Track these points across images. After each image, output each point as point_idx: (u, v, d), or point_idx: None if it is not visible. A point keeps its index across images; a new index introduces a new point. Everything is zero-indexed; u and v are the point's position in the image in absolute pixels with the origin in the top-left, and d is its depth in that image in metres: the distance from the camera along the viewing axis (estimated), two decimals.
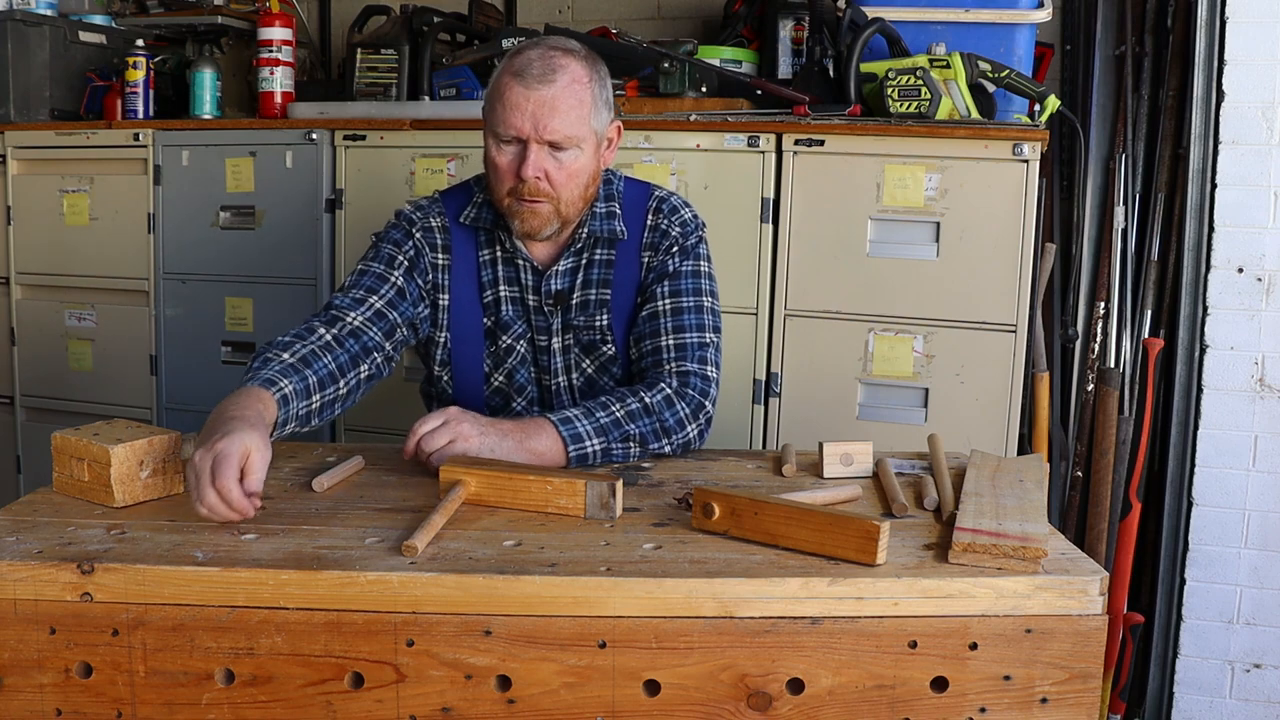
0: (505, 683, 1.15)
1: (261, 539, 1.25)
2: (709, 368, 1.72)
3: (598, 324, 1.78)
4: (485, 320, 1.80)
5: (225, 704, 1.16)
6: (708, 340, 1.74)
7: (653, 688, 1.15)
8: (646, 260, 1.78)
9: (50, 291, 2.95)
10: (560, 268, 1.77)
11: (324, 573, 1.15)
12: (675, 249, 1.77)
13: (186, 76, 2.95)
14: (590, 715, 1.15)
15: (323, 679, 1.16)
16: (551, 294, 1.78)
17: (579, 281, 1.78)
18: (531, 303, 1.79)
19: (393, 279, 1.74)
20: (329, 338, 1.63)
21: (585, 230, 1.76)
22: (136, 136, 2.80)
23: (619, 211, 1.78)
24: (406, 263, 1.76)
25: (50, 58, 2.94)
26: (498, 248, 1.79)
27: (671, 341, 1.73)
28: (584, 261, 1.78)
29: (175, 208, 2.79)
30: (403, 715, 1.16)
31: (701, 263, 1.80)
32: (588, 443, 1.56)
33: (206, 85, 2.89)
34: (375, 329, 1.69)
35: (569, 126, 1.64)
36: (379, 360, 1.69)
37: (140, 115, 2.87)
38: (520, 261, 1.78)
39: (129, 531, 1.27)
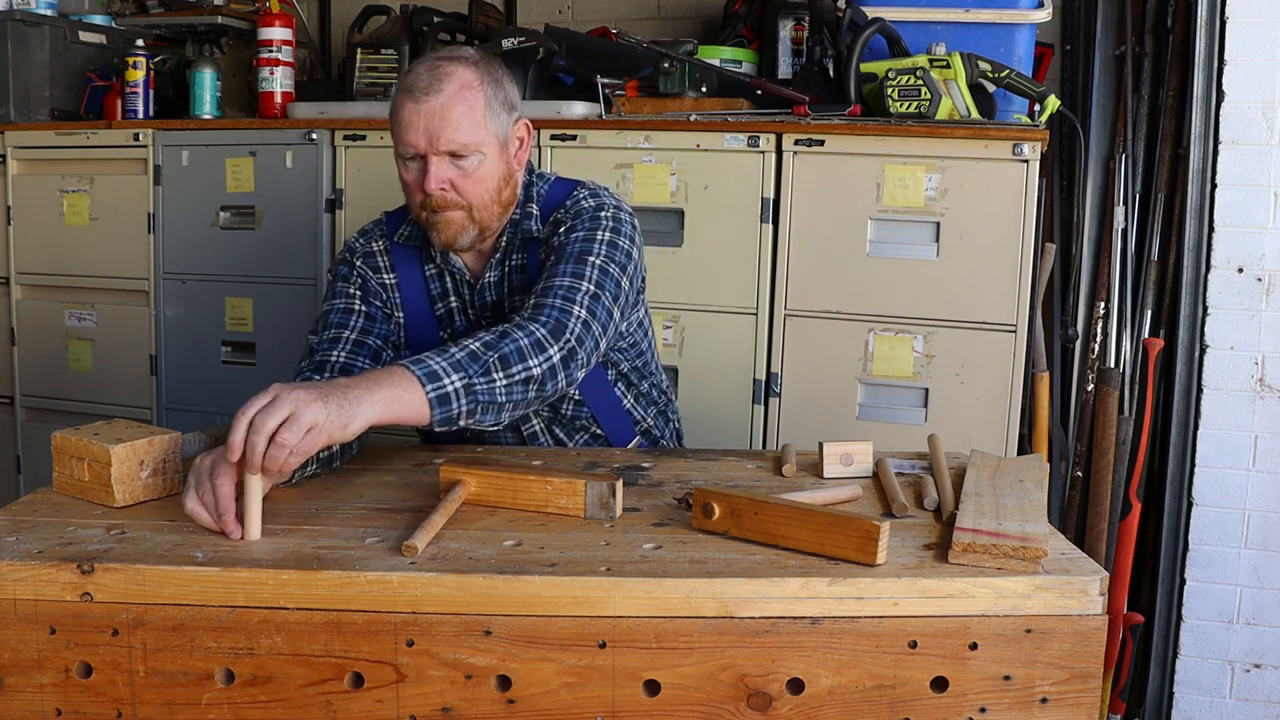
0: (505, 683, 1.15)
1: (262, 539, 1.25)
2: (573, 306, 1.57)
3: None
4: (441, 333, 1.79)
5: (225, 704, 1.16)
6: (580, 287, 1.60)
7: (653, 688, 1.15)
8: (543, 255, 1.72)
9: (50, 291, 2.95)
10: (488, 279, 1.76)
11: (324, 573, 1.15)
12: (563, 228, 1.71)
13: (186, 76, 2.95)
14: (590, 715, 1.15)
15: (323, 679, 1.16)
16: (488, 306, 1.77)
17: (505, 290, 1.77)
18: (472, 316, 1.79)
19: (355, 308, 1.75)
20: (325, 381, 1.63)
21: (505, 239, 1.74)
22: (136, 136, 2.80)
23: (535, 212, 1.75)
24: (358, 292, 1.77)
25: (50, 58, 2.94)
26: (436, 263, 1.79)
27: (539, 287, 1.62)
28: (505, 270, 1.76)
29: (175, 208, 2.79)
30: (403, 715, 1.16)
31: (598, 232, 1.69)
32: (446, 380, 1.39)
33: (206, 85, 2.90)
34: (360, 359, 1.69)
35: (463, 134, 1.61)
36: None
37: (140, 115, 2.87)
38: (455, 276, 1.77)
39: (129, 531, 1.27)
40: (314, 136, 2.66)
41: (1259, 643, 2.61)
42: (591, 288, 1.62)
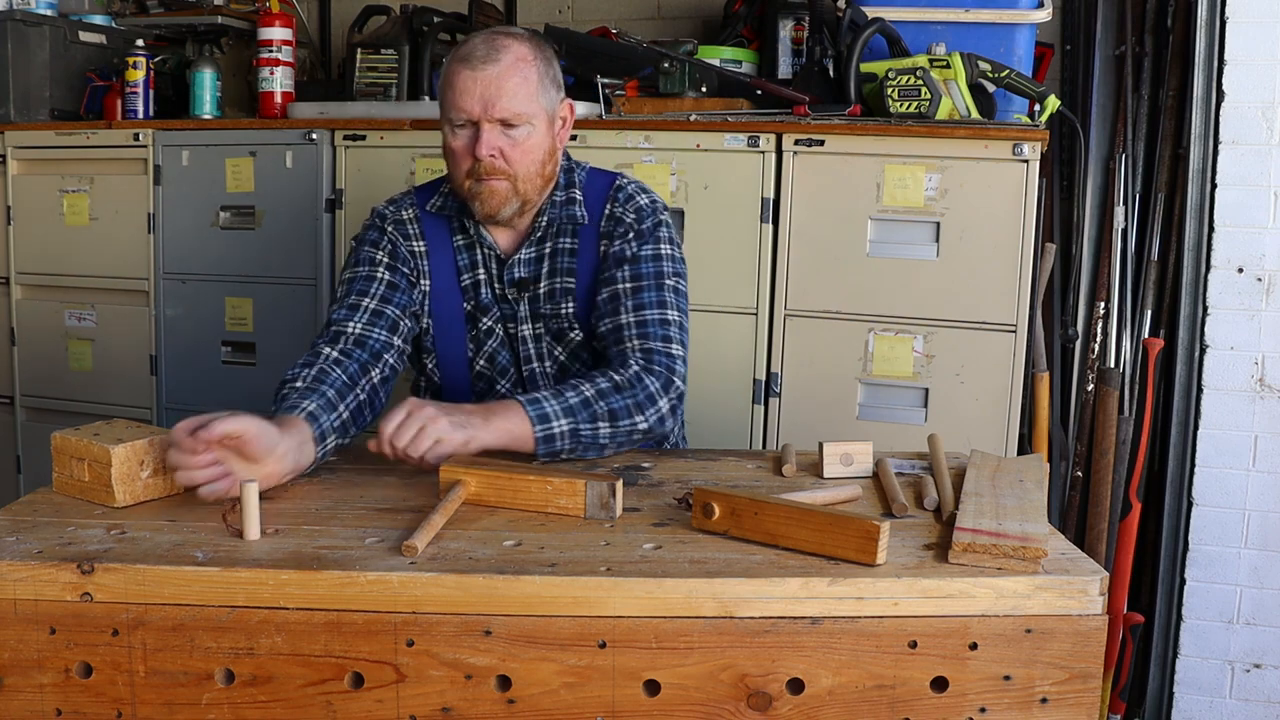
0: (505, 683, 1.15)
1: (261, 539, 1.25)
2: (673, 345, 1.71)
3: (564, 312, 1.80)
4: (465, 304, 1.82)
5: (225, 704, 1.16)
6: (670, 318, 1.73)
7: (653, 688, 1.15)
8: (604, 249, 1.78)
9: (50, 291, 2.94)
10: (522, 256, 1.79)
11: (324, 573, 1.15)
12: (631, 234, 1.77)
13: (186, 76, 2.95)
14: (590, 715, 1.15)
15: (323, 679, 1.16)
16: (514, 282, 1.80)
17: (544, 270, 1.80)
18: (497, 290, 1.81)
19: (379, 276, 1.77)
20: (335, 354, 1.66)
21: (545, 219, 1.78)
22: (136, 136, 2.80)
23: (579, 198, 1.80)
24: (386, 257, 1.79)
25: (50, 58, 2.94)
26: (467, 234, 1.82)
27: (632, 319, 1.72)
28: (548, 250, 1.80)
29: (175, 208, 2.79)
30: (403, 715, 1.16)
31: (662, 246, 1.79)
32: (555, 423, 1.54)
33: (206, 85, 2.89)
34: (378, 329, 1.71)
35: (518, 103, 1.66)
36: (391, 360, 1.72)
37: (140, 115, 2.86)
38: (485, 250, 1.80)
39: (129, 531, 1.27)
40: (314, 136, 2.66)
41: (1259, 643, 2.61)
42: (679, 316, 1.75)
